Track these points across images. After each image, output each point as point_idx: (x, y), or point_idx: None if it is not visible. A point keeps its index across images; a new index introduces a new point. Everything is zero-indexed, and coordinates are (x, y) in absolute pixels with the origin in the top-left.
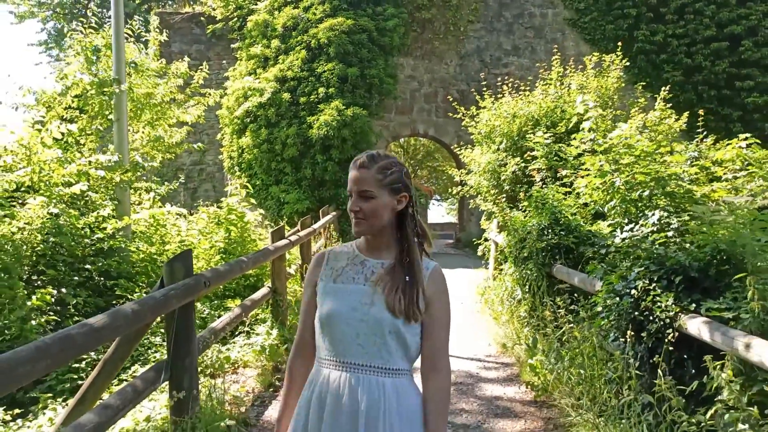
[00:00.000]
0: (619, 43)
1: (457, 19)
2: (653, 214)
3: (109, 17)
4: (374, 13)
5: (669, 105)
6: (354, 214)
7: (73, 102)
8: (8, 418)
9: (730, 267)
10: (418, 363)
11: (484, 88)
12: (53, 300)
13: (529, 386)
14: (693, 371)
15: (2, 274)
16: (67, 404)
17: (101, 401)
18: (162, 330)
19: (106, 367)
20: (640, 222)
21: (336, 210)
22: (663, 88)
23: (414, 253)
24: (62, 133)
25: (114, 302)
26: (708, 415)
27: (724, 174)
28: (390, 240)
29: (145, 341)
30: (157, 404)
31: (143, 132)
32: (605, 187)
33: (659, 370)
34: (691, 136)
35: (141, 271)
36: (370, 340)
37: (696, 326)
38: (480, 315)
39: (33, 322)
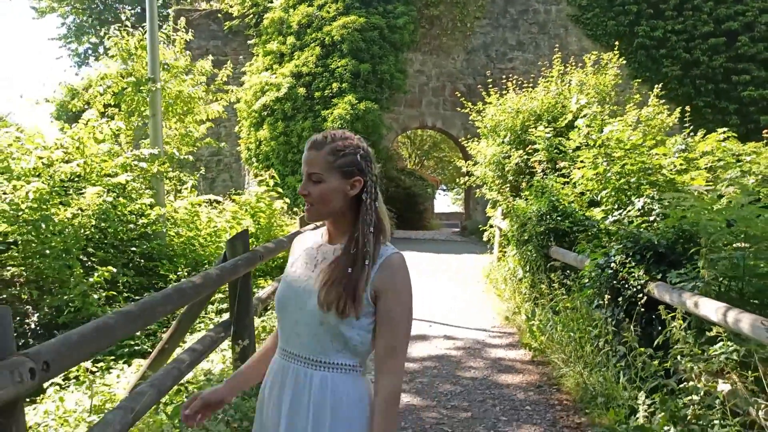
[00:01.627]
0: (617, 43)
1: (464, 16)
2: (638, 201)
3: (134, 14)
4: (385, 11)
5: (668, 98)
6: (304, 198)
7: (111, 100)
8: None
9: (693, 244)
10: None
11: (490, 83)
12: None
13: (527, 348)
14: (660, 328)
15: (64, 255)
16: (127, 367)
17: (189, 346)
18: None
19: (182, 325)
20: (628, 208)
21: None
22: (656, 86)
23: (362, 243)
24: (111, 130)
25: (155, 281)
26: (669, 361)
27: (705, 165)
28: (348, 227)
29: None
30: (218, 357)
31: (174, 127)
32: (598, 177)
33: (630, 327)
34: (690, 128)
35: (179, 253)
36: (306, 330)
37: (659, 291)
38: (485, 294)
39: (95, 296)
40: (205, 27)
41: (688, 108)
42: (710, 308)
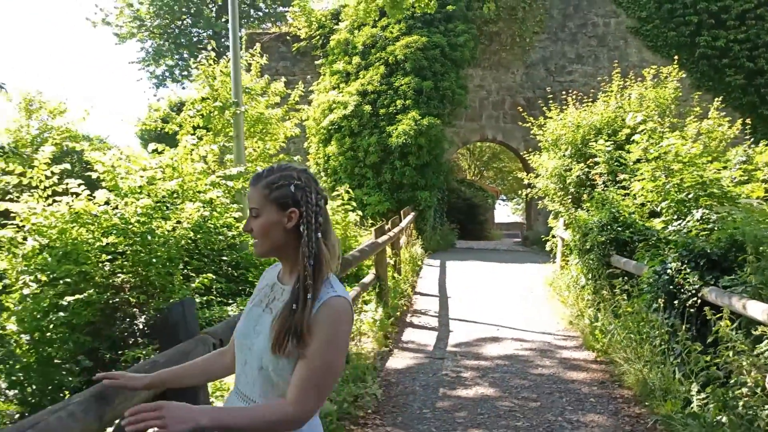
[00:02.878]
0: (676, 57)
1: (522, 31)
2: (697, 212)
3: (206, 36)
4: (446, 29)
5: (732, 107)
6: (250, 235)
7: (200, 122)
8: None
9: (744, 253)
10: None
11: (550, 97)
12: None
13: (591, 349)
14: (711, 328)
15: (167, 263)
16: None
17: None
18: None
19: None
20: (687, 218)
21: (413, 211)
22: (717, 98)
23: (302, 277)
24: (207, 152)
25: (241, 288)
26: (722, 358)
27: (764, 176)
28: (295, 263)
29: None
30: None
31: (254, 146)
32: (658, 189)
33: (684, 327)
34: (750, 140)
35: (265, 262)
36: (250, 370)
37: (711, 295)
38: (548, 301)
39: (199, 299)
40: (274, 49)
41: (750, 119)
42: (757, 309)
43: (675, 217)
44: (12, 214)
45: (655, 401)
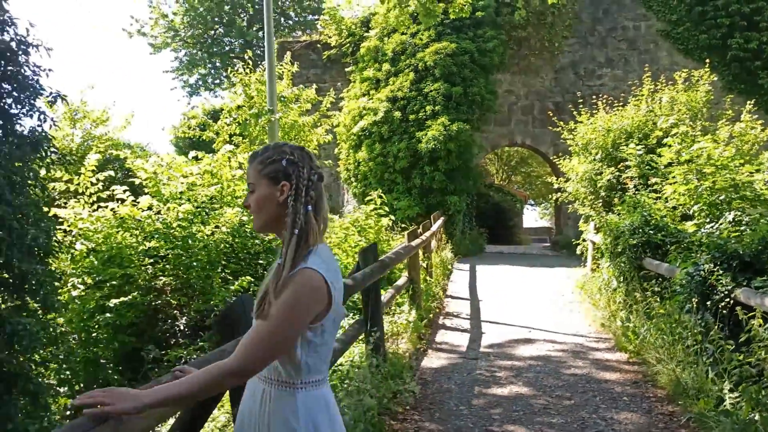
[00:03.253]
0: (707, 61)
1: (552, 36)
2: (729, 215)
3: (239, 44)
4: (475, 35)
5: (766, 109)
6: (249, 210)
7: (236, 129)
8: None
9: None
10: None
11: (580, 102)
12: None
13: (623, 351)
14: (745, 328)
15: (207, 267)
16: None
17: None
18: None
19: None
20: (719, 221)
21: (443, 215)
22: (749, 101)
23: (286, 249)
24: (244, 159)
25: None
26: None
27: None
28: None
29: None
30: (358, 348)
31: None
32: (690, 192)
33: (716, 327)
34: None
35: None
36: None
37: (744, 295)
38: (580, 304)
39: None
40: (305, 57)
41: None
42: None
43: (707, 219)
44: (60, 220)
45: (688, 400)
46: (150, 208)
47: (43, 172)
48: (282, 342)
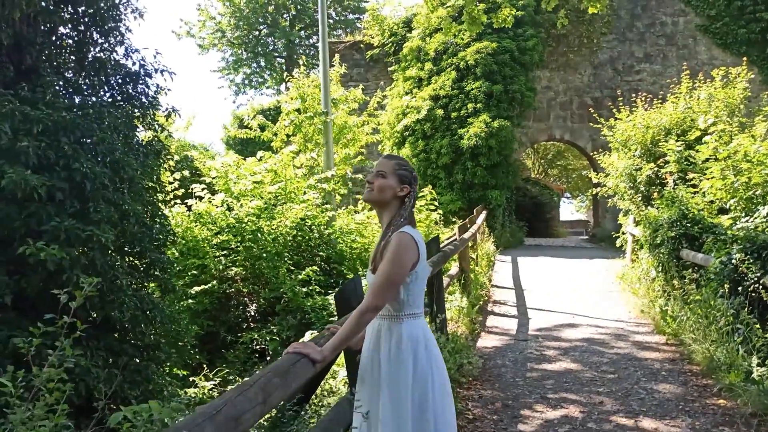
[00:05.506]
0: (744, 58)
1: (590, 32)
2: (764, 209)
3: (283, 45)
4: (515, 34)
5: None
6: (368, 185)
7: (292, 130)
8: None
9: None
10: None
11: (620, 99)
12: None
13: (662, 334)
14: None
15: (276, 258)
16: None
17: None
18: None
19: None
20: (754, 215)
21: (485, 209)
22: None
23: (393, 225)
24: (307, 159)
25: (333, 280)
26: None
27: None
28: (388, 218)
29: None
30: None
31: (338, 151)
32: (726, 187)
33: (746, 309)
34: None
35: (354, 257)
36: None
37: None
38: (620, 293)
39: (303, 290)
40: (349, 56)
41: None
42: None
43: (743, 213)
44: None
45: (720, 373)
46: (223, 203)
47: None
48: (393, 283)
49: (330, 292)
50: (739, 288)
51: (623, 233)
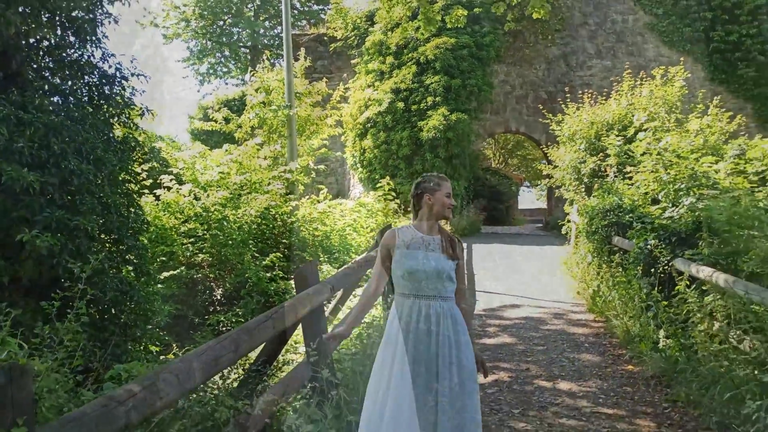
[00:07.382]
0: (682, 59)
1: (545, 29)
2: (686, 200)
3: (248, 34)
4: (473, 31)
5: (744, 98)
6: (451, 207)
7: (257, 124)
8: None
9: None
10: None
11: (568, 94)
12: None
13: (592, 312)
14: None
15: (241, 245)
16: None
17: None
18: None
19: (345, 294)
20: (678, 205)
21: None
22: (715, 98)
23: (449, 233)
24: (270, 152)
25: (294, 266)
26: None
27: (753, 169)
28: (440, 226)
29: None
30: (374, 311)
31: (301, 143)
32: (657, 180)
33: (656, 289)
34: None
35: (316, 244)
36: (432, 281)
37: (678, 264)
38: (563, 277)
39: (267, 275)
40: (313, 48)
41: (740, 117)
42: (706, 272)
43: (670, 204)
44: None
45: (634, 345)
46: (190, 194)
47: None
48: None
49: (293, 277)
50: (652, 270)
51: (568, 221)
